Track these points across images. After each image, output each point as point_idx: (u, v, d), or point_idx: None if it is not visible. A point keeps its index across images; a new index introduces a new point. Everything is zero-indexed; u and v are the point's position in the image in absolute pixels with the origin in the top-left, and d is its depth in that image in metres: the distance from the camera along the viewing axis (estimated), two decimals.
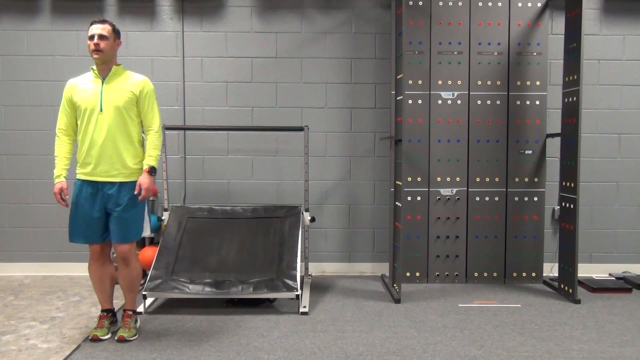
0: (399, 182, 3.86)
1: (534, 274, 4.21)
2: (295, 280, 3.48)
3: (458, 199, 4.17)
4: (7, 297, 3.83)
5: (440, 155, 4.16)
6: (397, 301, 3.67)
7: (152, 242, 4.30)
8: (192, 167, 4.46)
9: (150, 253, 4.09)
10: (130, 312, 3.08)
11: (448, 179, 4.17)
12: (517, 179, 4.19)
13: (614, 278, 4.32)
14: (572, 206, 3.75)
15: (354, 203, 4.50)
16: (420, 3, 4.12)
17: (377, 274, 4.48)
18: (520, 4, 4.13)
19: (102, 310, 3.10)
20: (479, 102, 4.15)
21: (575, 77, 3.71)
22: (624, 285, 4.09)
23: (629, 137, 4.45)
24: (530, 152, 4.17)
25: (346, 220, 4.51)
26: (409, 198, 4.15)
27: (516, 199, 4.18)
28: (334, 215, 4.49)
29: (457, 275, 4.20)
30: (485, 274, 4.21)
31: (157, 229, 4.24)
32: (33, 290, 4.01)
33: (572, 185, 3.73)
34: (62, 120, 3.02)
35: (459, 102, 4.15)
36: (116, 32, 2.98)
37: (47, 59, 4.39)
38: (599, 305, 3.66)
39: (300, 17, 4.40)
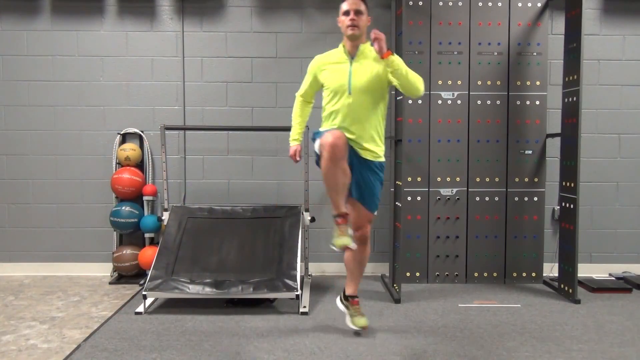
0: (399, 182, 3.86)
1: (534, 274, 4.21)
2: (295, 280, 3.49)
3: (458, 199, 4.17)
4: (7, 297, 3.83)
5: (440, 155, 4.16)
6: (397, 301, 3.67)
7: (152, 242, 4.31)
8: (192, 167, 4.46)
9: (150, 253, 4.09)
10: (357, 299, 3.06)
11: (448, 179, 4.17)
12: (517, 179, 4.19)
13: (614, 278, 4.32)
14: (572, 206, 3.75)
15: None
16: (420, 3, 4.12)
17: (377, 274, 4.48)
18: (520, 4, 4.13)
19: (340, 215, 2.78)
20: (479, 102, 4.15)
21: (575, 77, 3.71)
22: (624, 285, 4.09)
23: (629, 137, 4.46)
24: (530, 152, 4.17)
25: None
26: (409, 198, 4.15)
27: (516, 199, 4.18)
28: None
29: (457, 275, 4.20)
30: (485, 274, 4.21)
31: (157, 229, 4.24)
32: (33, 290, 4.02)
33: (572, 185, 3.73)
34: (303, 88, 3.07)
35: (459, 102, 4.15)
36: (367, 8, 2.87)
37: (47, 59, 4.39)
38: (599, 305, 3.66)
39: (300, 17, 4.40)
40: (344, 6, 2.81)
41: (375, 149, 2.92)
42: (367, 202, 2.95)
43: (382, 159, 2.97)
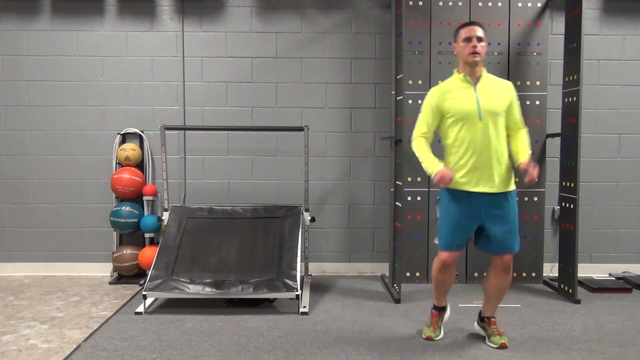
0: (399, 182, 3.86)
1: (534, 274, 4.21)
2: (295, 280, 3.48)
3: None
4: (7, 297, 3.83)
5: (441, 155, 4.14)
6: (397, 301, 3.67)
7: (152, 242, 4.31)
8: (192, 167, 4.46)
9: (150, 253, 4.09)
10: (495, 319, 3.01)
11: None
12: (517, 179, 4.17)
13: (614, 278, 4.32)
14: (572, 206, 3.75)
15: (354, 203, 4.50)
16: (420, 3, 4.12)
17: (377, 274, 4.48)
18: (520, 4, 4.13)
19: (437, 308, 3.02)
20: None
21: (575, 77, 3.71)
22: (624, 285, 4.09)
23: (629, 137, 4.45)
24: (530, 152, 4.16)
25: (346, 220, 4.51)
26: (409, 198, 4.15)
27: (516, 199, 4.17)
28: (334, 215, 4.49)
29: (457, 275, 4.20)
30: (485, 274, 4.20)
31: (157, 229, 4.24)
32: (33, 290, 4.01)
33: (572, 185, 3.73)
34: (424, 125, 2.91)
35: None
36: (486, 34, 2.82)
37: (47, 59, 4.39)
38: (599, 305, 3.66)
39: (300, 17, 4.40)
40: (465, 33, 2.75)
41: (508, 177, 2.83)
42: (508, 247, 2.82)
43: (512, 187, 2.86)
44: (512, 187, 2.85)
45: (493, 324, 2.97)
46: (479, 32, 2.74)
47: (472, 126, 2.75)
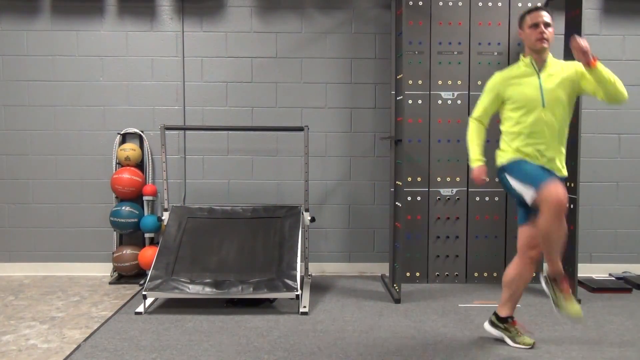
0: (399, 182, 3.86)
1: (533, 274, 4.20)
2: (295, 280, 3.49)
3: (458, 199, 4.17)
4: (7, 297, 3.83)
5: (440, 155, 4.16)
6: (397, 301, 3.67)
7: (152, 242, 4.31)
8: (192, 167, 4.46)
9: (150, 253, 4.09)
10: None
11: (448, 179, 4.17)
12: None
13: (614, 278, 4.32)
14: (572, 206, 3.74)
15: (354, 203, 4.50)
16: (420, 3, 4.12)
17: (377, 274, 4.48)
18: (520, 4, 4.13)
19: (562, 277, 2.75)
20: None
21: None
22: (624, 285, 4.09)
23: (629, 137, 4.45)
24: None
25: (346, 220, 4.51)
26: (409, 198, 4.15)
27: None
28: (334, 215, 4.49)
29: (457, 275, 4.20)
30: (485, 274, 4.21)
31: (157, 229, 4.24)
32: (33, 290, 4.01)
33: (572, 185, 3.73)
34: (481, 109, 2.89)
35: (459, 102, 4.15)
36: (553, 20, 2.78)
37: (47, 59, 4.39)
38: (599, 305, 3.66)
39: (300, 17, 4.40)
40: (532, 19, 2.73)
41: (563, 163, 2.82)
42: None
43: (566, 174, 2.85)
44: (566, 173, 2.83)
45: (515, 324, 2.91)
46: (546, 17, 2.71)
47: (535, 113, 2.72)
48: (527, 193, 2.64)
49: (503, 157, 2.83)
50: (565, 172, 2.83)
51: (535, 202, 2.60)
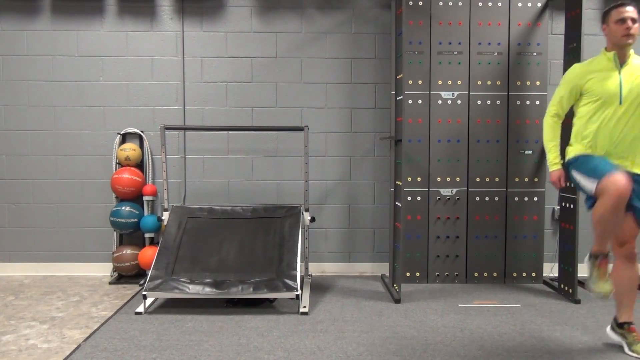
0: (399, 182, 3.86)
1: (534, 274, 4.21)
2: (295, 280, 3.49)
3: (458, 199, 4.17)
4: (7, 297, 3.83)
5: (440, 155, 4.16)
6: (397, 301, 3.67)
7: (152, 242, 4.31)
8: (192, 167, 4.46)
9: (150, 253, 4.09)
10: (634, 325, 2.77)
11: (448, 179, 4.17)
12: (517, 179, 4.19)
13: None
14: (572, 206, 3.75)
15: (354, 203, 4.50)
16: (420, 3, 4.12)
17: (377, 274, 4.48)
18: (520, 4, 4.13)
19: (603, 255, 2.67)
20: (479, 102, 4.15)
21: None
22: None
23: None
24: (530, 152, 4.17)
25: (346, 220, 4.51)
26: (409, 198, 4.15)
27: (516, 199, 4.18)
28: (334, 215, 4.49)
29: (457, 275, 4.20)
30: (485, 274, 4.21)
31: (157, 229, 4.24)
32: (33, 290, 4.02)
33: (572, 185, 3.72)
34: (559, 104, 2.84)
35: (459, 102, 4.15)
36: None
37: (47, 59, 4.39)
38: (599, 305, 3.66)
39: (300, 17, 4.40)
40: (618, 14, 2.67)
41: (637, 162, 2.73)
42: (638, 215, 2.68)
43: None
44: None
45: (633, 330, 2.76)
46: (633, 12, 2.66)
47: (611, 110, 2.67)
48: (590, 186, 2.61)
49: (571, 152, 2.82)
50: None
51: (596, 193, 2.57)
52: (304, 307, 3.50)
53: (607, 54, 2.77)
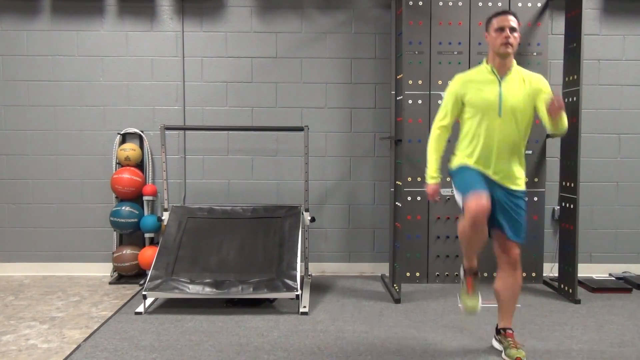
0: (399, 182, 3.86)
1: (534, 274, 4.21)
2: (295, 280, 3.48)
3: None
4: (7, 297, 3.83)
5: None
6: (397, 301, 3.67)
7: (152, 242, 4.31)
8: (192, 167, 4.46)
9: (150, 253, 4.09)
10: (512, 331, 2.79)
11: (448, 179, 4.15)
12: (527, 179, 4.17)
13: (614, 278, 4.32)
14: (572, 206, 3.75)
15: (354, 203, 4.50)
16: (420, 3, 4.12)
17: (377, 274, 4.48)
18: (520, 4, 4.13)
19: (471, 271, 2.77)
20: None
21: (575, 77, 3.71)
22: (624, 285, 4.09)
23: (629, 137, 4.45)
24: (530, 152, 4.17)
25: (346, 220, 4.51)
26: (409, 198, 4.15)
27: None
28: (334, 215, 4.49)
29: (457, 275, 4.20)
30: (485, 274, 4.20)
31: (157, 229, 4.24)
32: (33, 290, 4.01)
33: (572, 185, 3.73)
34: (444, 115, 2.77)
35: None
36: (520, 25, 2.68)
37: (47, 59, 4.39)
38: (599, 305, 3.66)
39: (300, 17, 4.40)
40: (497, 23, 2.62)
41: (519, 177, 2.73)
42: (508, 231, 2.69)
43: (523, 188, 2.75)
44: (522, 187, 2.74)
45: (510, 336, 2.75)
46: (513, 22, 2.62)
47: (490, 121, 2.64)
48: (459, 201, 2.67)
49: (453, 162, 2.80)
50: (520, 186, 2.72)
51: (463, 208, 2.62)
52: (304, 307, 3.50)
53: (487, 65, 2.72)
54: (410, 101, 4.11)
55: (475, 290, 2.79)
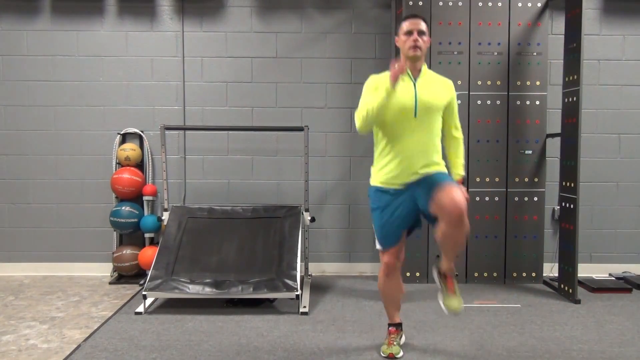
0: None
1: (534, 274, 4.21)
2: (295, 280, 3.48)
3: None
4: (7, 297, 3.83)
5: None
6: None
7: (152, 242, 4.30)
8: (192, 167, 4.46)
9: (150, 253, 4.09)
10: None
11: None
12: (517, 179, 4.19)
13: (614, 278, 4.32)
14: (572, 206, 3.75)
15: (354, 203, 4.50)
16: (420, 3, 4.12)
17: (377, 274, 4.47)
18: (520, 4, 4.13)
19: (393, 325, 2.88)
20: (479, 102, 4.15)
21: (575, 77, 3.71)
22: (624, 285, 4.09)
23: (629, 137, 4.46)
24: (530, 152, 4.17)
25: (346, 220, 4.51)
26: None
27: (516, 199, 4.18)
28: (334, 215, 4.49)
29: (457, 275, 4.20)
30: (485, 274, 4.21)
31: (157, 229, 4.24)
32: (33, 290, 4.01)
33: (572, 185, 3.73)
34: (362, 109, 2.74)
35: (459, 102, 4.14)
36: (429, 28, 2.70)
37: (47, 59, 4.39)
38: (599, 305, 3.66)
39: (300, 17, 4.40)
40: (406, 26, 2.64)
41: (431, 165, 2.67)
42: (436, 186, 2.52)
43: (441, 168, 2.72)
44: (441, 169, 2.70)
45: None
46: (421, 25, 2.62)
47: (406, 122, 2.63)
48: (377, 241, 2.76)
49: (371, 177, 2.77)
50: (439, 168, 2.68)
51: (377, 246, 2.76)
52: (304, 307, 3.50)
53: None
54: None
55: (397, 342, 2.81)
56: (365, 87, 2.73)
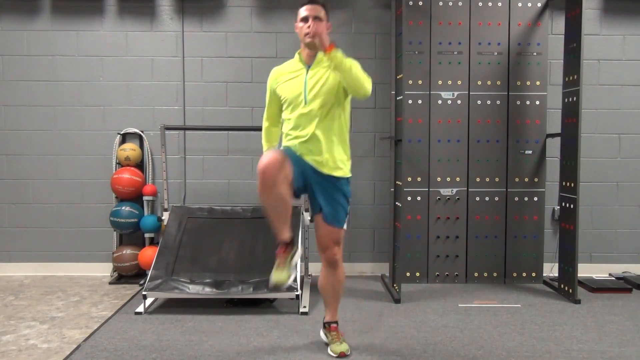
0: (399, 182, 3.86)
1: (534, 274, 4.21)
2: (295, 280, 3.48)
3: (458, 199, 4.17)
4: (7, 297, 3.83)
5: (440, 155, 4.16)
6: (397, 301, 3.67)
7: (152, 242, 4.30)
8: (192, 167, 4.46)
9: (150, 253, 4.09)
10: (336, 325, 2.87)
11: (448, 179, 4.17)
12: (517, 179, 4.19)
13: (614, 278, 4.32)
14: (572, 206, 3.75)
15: (354, 203, 4.48)
16: (420, 3, 4.12)
17: (377, 274, 4.48)
18: (520, 4, 4.13)
19: (280, 243, 2.67)
20: (479, 102, 4.15)
21: (575, 77, 3.71)
22: (624, 285, 4.09)
23: (629, 137, 4.45)
24: (530, 152, 4.17)
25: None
26: (409, 198, 4.15)
27: (516, 199, 4.18)
28: None
29: (457, 275, 4.20)
30: (485, 274, 4.21)
31: (157, 229, 4.24)
32: (33, 290, 4.02)
33: (572, 185, 3.73)
34: (267, 109, 2.86)
35: (459, 102, 4.15)
36: (327, 14, 2.65)
37: (47, 59, 4.39)
38: (599, 305, 3.66)
39: None
40: (302, 12, 2.62)
41: (336, 162, 2.72)
42: (328, 218, 2.73)
43: (344, 174, 2.76)
44: (342, 173, 2.73)
45: (334, 330, 2.83)
46: (316, 11, 2.59)
47: (298, 110, 2.64)
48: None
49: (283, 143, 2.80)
50: (337, 172, 2.71)
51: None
52: (304, 307, 3.50)
53: (296, 55, 2.74)
54: (410, 101, 4.11)
55: (285, 263, 2.65)
56: (268, 84, 2.81)
